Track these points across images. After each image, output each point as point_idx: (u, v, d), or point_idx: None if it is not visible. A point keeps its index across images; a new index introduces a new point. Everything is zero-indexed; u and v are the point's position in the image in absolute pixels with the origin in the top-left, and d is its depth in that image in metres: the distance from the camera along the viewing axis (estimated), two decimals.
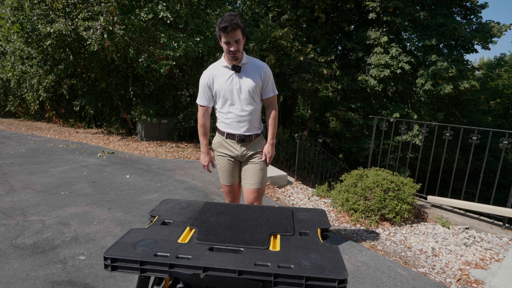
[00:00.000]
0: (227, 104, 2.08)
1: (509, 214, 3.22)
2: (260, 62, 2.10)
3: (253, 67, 2.06)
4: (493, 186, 3.55)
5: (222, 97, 2.08)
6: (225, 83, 2.04)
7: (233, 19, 1.84)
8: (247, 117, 2.08)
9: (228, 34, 1.87)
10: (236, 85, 2.03)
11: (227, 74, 2.05)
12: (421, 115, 9.46)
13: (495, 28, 9.06)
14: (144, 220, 3.07)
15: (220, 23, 1.85)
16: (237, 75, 2.04)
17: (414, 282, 2.31)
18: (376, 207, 3.29)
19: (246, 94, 2.04)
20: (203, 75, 2.12)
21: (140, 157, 5.89)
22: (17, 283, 2.01)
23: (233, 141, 2.13)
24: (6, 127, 9.16)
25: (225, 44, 1.92)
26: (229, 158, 2.19)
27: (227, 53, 1.96)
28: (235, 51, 1.92)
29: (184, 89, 9.92)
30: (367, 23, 10.21)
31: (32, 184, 3.98)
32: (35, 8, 6.60)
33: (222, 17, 1.87)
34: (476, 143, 3.57)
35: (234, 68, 2.02)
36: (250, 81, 2.04)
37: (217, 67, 2.09)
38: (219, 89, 2.06)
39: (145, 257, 1.08)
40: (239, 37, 1.89)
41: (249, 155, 2.16)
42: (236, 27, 1.85)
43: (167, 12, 6.01)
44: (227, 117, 2.11)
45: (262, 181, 2.16)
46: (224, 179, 2.25)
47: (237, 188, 2.28)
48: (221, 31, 1.87)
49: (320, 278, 1.01)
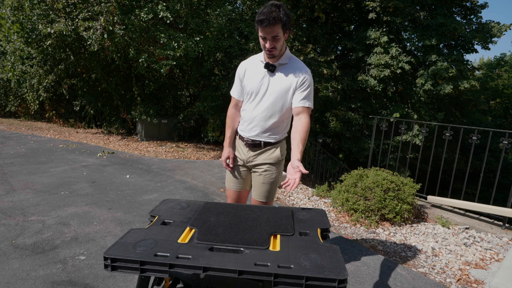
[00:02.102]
0: (249, 102, 1.87)
1: (509, 214, 3.22)
2: (302, 66, 1.81)
3: (292, 70, 1.79)
4: (493, 186, 3.55)
5: (247, 94, 1.87)
6: (254, 80, 1.83)
7: (272, 12, 1.58)
8: (261, 123, 1.84)
9: (264, 29, 1.62)
10: (264, 86, 1.81)
11: (260, 71, 1.82)
12: (421, 115, 9.46)
13: (495, 28, 9.05)
14: (144, 220, 3.07)
15: (258, 15, 1.61)
16: (270, 75, 1.80)
17: (414, 282, 2.31)
18: (376, 207, 3.29)
19: (272, 97, 1.80)
20: (240, 65, 1.92)
21: (140, 157, 5.89)
22: (17, 283, 2.01)
23: (243, 144, 1.95)
24: (6, 127, 9.16)
25: (262, 39, 1.69)
26: (239, 161, 1.99)
27: (264, 49, 1.73)
28: (271, 48, 1.68)
29: (184, 89, 9.92)
30: (367, 23, 10.20)
31: (32, 184, 3.98)
32: (35, 8, 6.61)
33: (263, 7, 1.62)
34: (476, 143, 3.57)
35: (267, 66, 1.78)
36: (281, 85, 1.78)
37: (254, 60, 1.88)
38: (247, 84, 1.86)
39: (145, 257, 1.08)
40: (277, 33, 1.64)
41: (255, 164, 1.93)
42: (274, 22, 1.59)
43: (167, 12, 6.02)
44: (244, 116, 1.92)
45: (268, 195, 1.93)
46: (227, 182, 2.04)
47: (243, 196, 2.04)
48: (258, 24, 1.63)
49: (320, 278, 1.01)
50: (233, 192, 2.02)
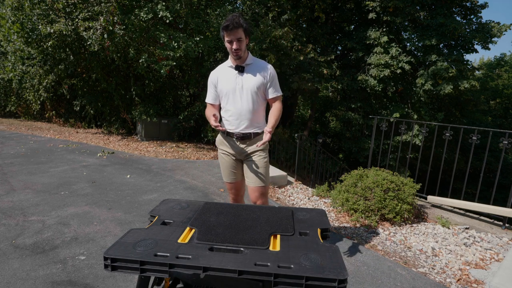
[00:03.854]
0: (229, 102, 2.15)
1: (509, 214, 3.22)
2: (265, 63, 2.16)
3: (258, 68, 2.13)
4: (493, 186, 3.55)
5: (225, 96, 2.15)
6: (228, 82, 2.12)
7: (235, 19, 1.92)
8: (247, 116, 2.12)
9: (230, 33, 1.94)
10: (238, 84, 2.10)
11: (231, 74, 2.13)
12: (421, 115, 9.46)
13: (495, 28, 9.05)
14: (144, 220, 3.07)
15: (224, 23, 1.94)
16: (241, 75, 2.11)
17: (414, 282, 2.31)
18: (376, 207, 3.29)
19: (248, 93, 2.10)
20: (210, 74, 2.24)
21: (140, 157, 5.89)
22: (17, 283, 2.01)
23: (232, 139, 2.18)
24: (6, 127, 9.16)
25: (228, 43, 2.00)
26: (230, 156, 2.24)
27: (230, 52, 2.03)
28: (237, 49, 1.99)
29: (184, 89, 9.91)
30: (367, 23, 10.20)
31: (32, 184, 3.98)
32: (35, 8, 6.61)
33: (226, 18, 1.97)
34: (476, 143, 3.56)
35: (237, 68, 2.10)
36: (253, 81, 2.10)
37: (223, 67, 2.19)
38: (222, 88, 2.15)
39: (145, 257, 1.08)
40: (240, 36, 1.96)
41: (248, 153, 2.19)
42: (237, 26, 1.92)
43: (167, 11, 6.01)
44: (228, 114, 2.17)
45: (263, 179, 2.19)
46: (225, 176, 2.31)
47: (239, 185, 2.34)
48: (224, 30, 1.95)
49: (320, 278, 1.01)
50: (231, 185, 2.32)
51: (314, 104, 11.51)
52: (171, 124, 8.22)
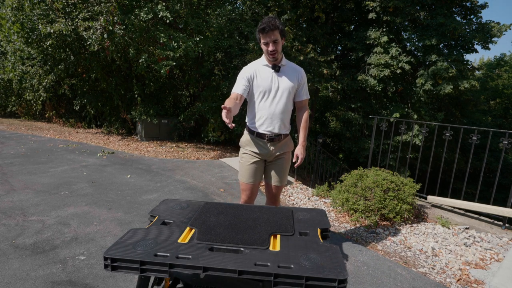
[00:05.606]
0: (263, 101, 2.13)
1: (509, 214, 3.22)
2: (297, 66, 2.21)
3: (291, 70, 2.16)
4: (493, 186, 3.55)
5: (260, 93, 2.13)
6: (265, 80, 2.12)
7: (271, 21, 1.94)
8: (280, 116, 2.13)
9: (266, 35, 1.96)
10: (275, 84, 2.11)
11: (268, 72, 2.13)
12: (421, 115, 9.45)
13: (495, 28, 9.04)
14: (144, 220, 3.07)
15: (260, 25, 1.96)
16: (277, 75, 2.12)
17: (414, 282, 2.31)
18: (376, 207, 3.29)
19: (283, 94, 2.12)
20: (246, 68, 2.15)
21: (140, 157, 5.89)
22: (17, 283, 2.01)
23: (263, 140, 2.17)
24: (6, 127, 9.16)
25: (264, 45, 2.02)
26: (255, 157, 2.21)
27: (267, 54, 2.06)
28: (273, 50, 2.00)
29: (184, 89, 9.91)
30: (367, 23, 10.20)
31: (32, 184, 3.98)
32: (35, 8, 6.61)
33: (262, 20, 1.97)
34: (476, 143, 3.57)
35: (274, 68, 2.10)
36: (288, 82, 2.13)
37: (258, 64, 2.16)
38: (259, 84, 2.12)
39: (145, 257, 1.08)
40: (276, 38, 1.98)
41: (277, 155, 2.22)
42: (274, 28, 1.94)
43: (167, 12, 6.01)
44: (261, 114, 2.15)
45: (284, 179, 2.29)
46: (245, 177, 2.23)
47: (256, 187, 2.29)
48: (260, 32, 1.97)
49: (320, 278, 1.01)
50: (249, 186, 2.24)
51: (314, 104, 11.50)
52: (171, 124, 8.22)
